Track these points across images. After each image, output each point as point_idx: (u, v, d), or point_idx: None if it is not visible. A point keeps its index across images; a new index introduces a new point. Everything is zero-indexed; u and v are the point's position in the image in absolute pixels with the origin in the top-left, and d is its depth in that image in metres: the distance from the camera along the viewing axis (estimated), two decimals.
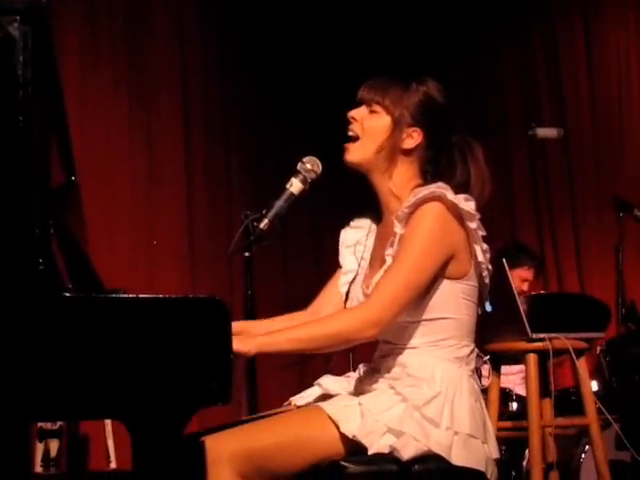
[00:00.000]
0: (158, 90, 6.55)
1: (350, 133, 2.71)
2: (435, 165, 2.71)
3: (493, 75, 7.55)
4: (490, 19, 7.51)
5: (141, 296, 2.04)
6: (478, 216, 2.61)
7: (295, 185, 2.78)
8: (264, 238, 2.79)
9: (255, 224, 2.79)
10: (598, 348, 5.06)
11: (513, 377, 5.26)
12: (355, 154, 2.70)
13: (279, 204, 2.78)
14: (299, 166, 2.78)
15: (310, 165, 2.78)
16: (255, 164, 7.06)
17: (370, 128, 2.70)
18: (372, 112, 2.70)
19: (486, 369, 4.41)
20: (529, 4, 7.50)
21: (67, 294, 2.01)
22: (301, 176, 2.78)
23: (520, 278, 5.52)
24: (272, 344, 2.51)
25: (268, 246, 2.83)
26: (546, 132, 5.29)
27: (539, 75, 7.42)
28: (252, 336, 2.54)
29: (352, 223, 2.88)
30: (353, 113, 2.72)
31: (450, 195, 2.57)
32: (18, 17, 1.99)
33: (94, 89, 6.14)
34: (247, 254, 2.85)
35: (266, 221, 2.78)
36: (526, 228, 7.26)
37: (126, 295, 2.03)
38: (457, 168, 2.71)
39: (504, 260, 4.03)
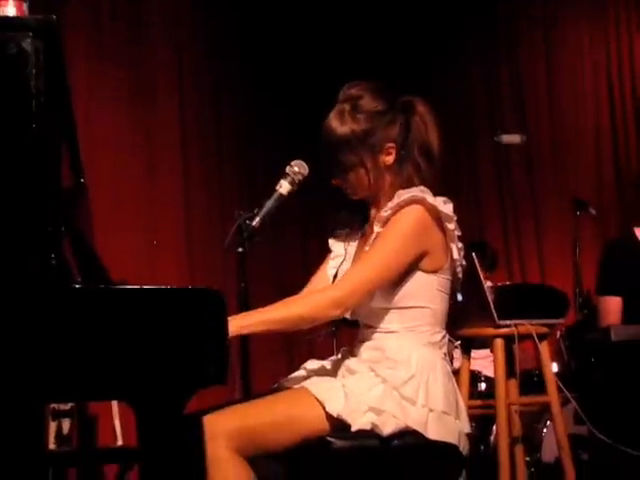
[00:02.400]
0: (156, 98, 6.52)
1: (350, 195, 2.70)
2: (403, 147, 2.67)
3: (459, 86, 7.56)
4: (456, 31, 7.52)
5: (145, 287, 2.02)
6: (455, 217, 2.61)
7: (284, 186, 2.77)
8: (256, 235, 2.78)
9: (247, 222, 2.77)
10: (558, 333, 5.07)
11: (481, 361, 5.26)
12: (359, 195, 2.70)
13: (269, 204, 2.77)
14: (287, 169, 2.77)
15: (298, 168, 2.77)
16: (246, 166, 7.04)
17: (355, 183, 2.67)
18: (348, 172, 2.65)
19: (457, 353, 4.41)
20: (493, 19, 7.51)
21: (77, 285, 2.00)
22: (289, 178, 2.76)
23: None
24: (247, 327, 2.50)
25: (259, 242, 2.82)
26: (510, 138, 5.30)
27: (502, 87, 7.44)
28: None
29: (342, 217, 2.86)
30: (335, 183, 2.69)
31: (430, 198, 2.57)
32: (31, 33, 1.97)
33: (97, 97, 6.11)
34: (240, 250, 2.83)
35: (258, 219, 2.76)
36: (492, 226, 7.28)
37: (131, 286, 2.02)
38: (409, 133, 2.66)
39: (474, 255, 4.03)
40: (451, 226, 2.60)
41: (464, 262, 2.69)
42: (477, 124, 7.42)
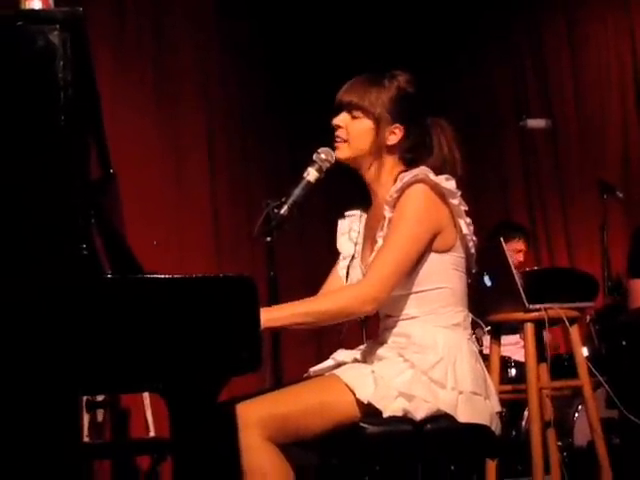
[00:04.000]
0: (181, 92, 6.52)
1: (338, 139, 2.72)
2: (414, 151, 2.71)
3: (484, 71, 7.53)
4: (478, 20, 7.48)
5: (177, 276, 2.03)
6: (459, 193, 2.62)
7: (312, 174, 2.77)
8: (284, 223, 2.78)
9: (276, 211, 2.78)
10: (587, 317, 5.04)
11: (511, 347, 5.24)
12: (345, 152, 2.72)
13: (297, 192, 2.77)
14: (315, 156, 2.77)
15: (325, 155, 2.76)
16: (272, 155, 7.04)
17: (355, 132, 2.70)
18: (354, 117, 2.70)
19: (487, 339, 4.40)
20: (515, 3, 7.47)
21: (109, 276, 2.01)
22: (317, 165, 2.76)
23: (514, 250, 5.50)
24: (277, 319, 2.53)
25: (288, 230, 2.82)
26: (535, 123, 5.27)
27: (527, 71, 7.41)
28: None
29: (345, 213, 2.90)
30: (337, 121, 2.72)
31: (432, 176, 2.59)
32: (58, 26, 1.98)
33: (123, 91, 6.11)
34: (269, 239, 2.83)
35: (286, 207, 2.76)
36: (519, 211, 7.24)
37: (163, 275, 2.03)
38: (432, 150, 2.71)
39: (502, 239, 4.02)
40: (455, 201, 2.61)
41: (475, 238, 2.69)
42: (502, 112, 7.38)
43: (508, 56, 7.51)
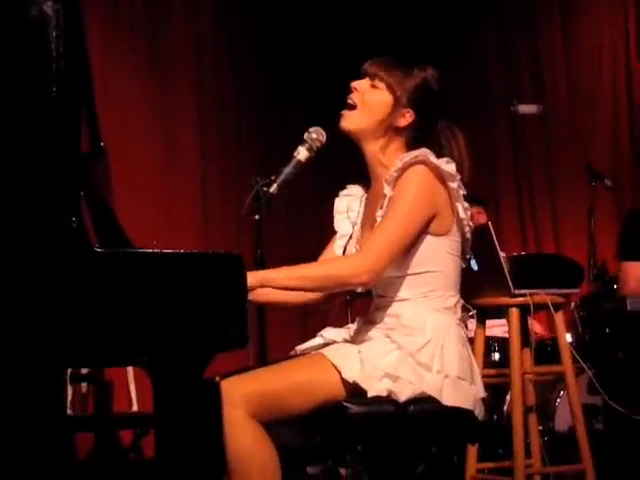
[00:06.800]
0: (173, 70, 6.50)
1: (349, 101, 2.72)
2: (423, 143, 2.70)
3: (475, 56, 7.52)
4: (472, 2, 7.48)
5: (165, 251, 2.03)
6: (458, 177, 2.63)
7: (302, 153, 2.77)
8: (273, 202, 2.78)
9: (265, 189, 2.78)
10: (572, 304, 5.05)
11: (496, 329, 5.25)
12: (351, 122, 2.71)
13: (287, 170, 2.77)
14: (306, 135, 2.78)
15: (316, 135, 2.77)
16: (263, 134, 7.03)
17: (370, 101, 2.70)
18: (373, 87, 2.71)
19: (472, 322, 4.41)
20: None
21: (98, 249, 2.00)
22: (307, 144, 2.77)
23: (475, 212, 5.53)
24: (272, 279, 2.54)
25: (276, 209, 2.82)
26: (527, 108, 5.27)
27: (519, 56, 7.40)
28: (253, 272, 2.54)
29: (344, 191, 2.90)
30: (355, 84, 2.73)
31: (432, 158, 2.60)
32: None
33: (115, 66, 6.08)
34: (257, 217, 2.83)
35: (275, 186, 2.76)
36: (507, 196, 7.25)
37: (151, 250, 2.02)
38: (442, 149, 2.72)
39: (489, 224, 4.03)
40: (454, 185, 2.61)
41: (472, 223, 2.70)
42: (493, 97, 7.38)
43: (500, 41, 7.50)
